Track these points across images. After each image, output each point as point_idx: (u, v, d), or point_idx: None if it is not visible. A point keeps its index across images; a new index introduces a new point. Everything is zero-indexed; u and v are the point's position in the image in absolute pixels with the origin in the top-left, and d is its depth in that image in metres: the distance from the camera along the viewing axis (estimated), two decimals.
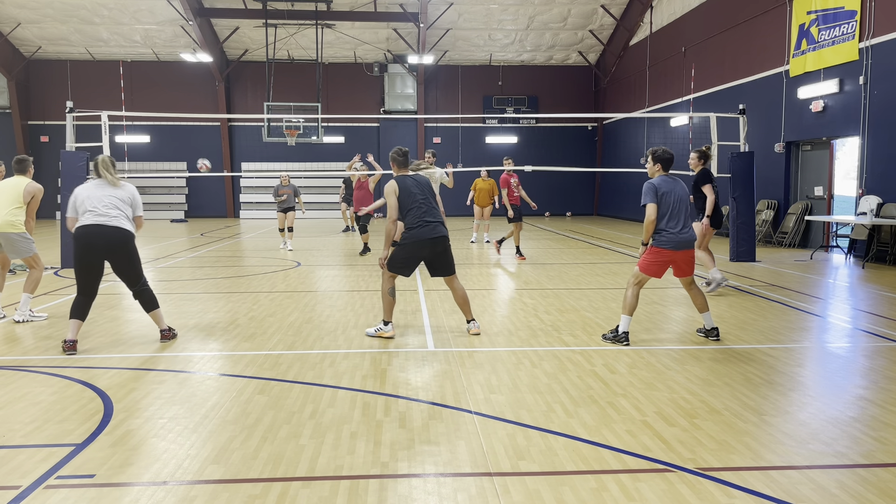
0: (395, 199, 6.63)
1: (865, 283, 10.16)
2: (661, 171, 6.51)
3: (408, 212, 6.67)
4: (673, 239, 6.27)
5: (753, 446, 3.93)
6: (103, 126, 12.12)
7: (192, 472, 3.60)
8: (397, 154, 6.94)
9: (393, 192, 6.64)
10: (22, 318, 7.56)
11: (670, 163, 6.52)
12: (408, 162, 6.96)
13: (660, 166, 6.50)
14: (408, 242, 6.65)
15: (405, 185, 6.70)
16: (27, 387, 5.07)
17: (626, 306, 6.39)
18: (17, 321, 7.53)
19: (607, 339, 6.49)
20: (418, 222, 6.61)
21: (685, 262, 6.41)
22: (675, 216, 6.31)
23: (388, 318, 6.71)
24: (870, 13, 12.86)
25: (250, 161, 27.99)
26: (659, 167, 6.50)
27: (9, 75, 26.22)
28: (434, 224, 6.71)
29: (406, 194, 6.67)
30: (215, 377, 5.37)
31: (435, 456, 3.82)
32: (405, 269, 6.69)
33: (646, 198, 6.33)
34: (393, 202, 6.63)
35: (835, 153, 14.83)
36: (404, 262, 6.68)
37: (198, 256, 14.11)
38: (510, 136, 28.58)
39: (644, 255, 6.44)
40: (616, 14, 24.83)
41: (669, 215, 6.32)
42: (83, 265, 6.20)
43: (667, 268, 6.43)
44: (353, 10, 24.69)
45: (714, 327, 6.56)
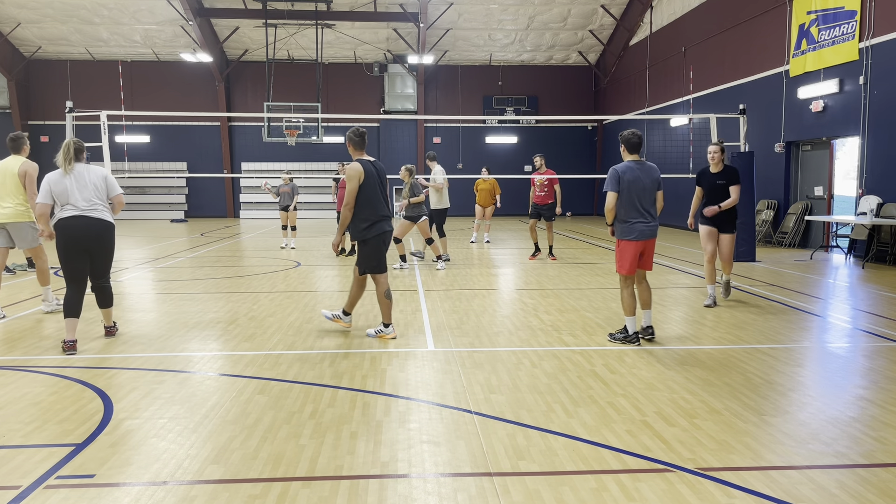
0: (358, 184, 6.30)
1: (865, 283, 10.16)
2: (629, 154, 6.42)
3: (366, 201, 6.37)
4: (637, 229, 6.24)
5: (753, 446, 3.93)
6: (103, 126, 12.12)
7: (192, 472, 3.60)
8: (354, 135, 6.53)
9: (357, 177, 6.30)
10: (49, 309, 7.95)
11: (637, 147, 6.39)
12: (365, 143, 6.61)
13: (624, 148, 6.44)
14: (372, 238, 6.43)
15: (369, 171, 6.39)
16: (27, 387, 5.07)
17: (626, 308, 6.39)
18: (45, 312, 7.93)
19: (616, 340, 6.44)
20: (379, 216, 6.42)
21: (649, 253, 6.39)
22: (639, 206, 6.24)
23: (388, 320, 6.67)
24: (870, 13, 12.86)
25: (250, 161, 27.98)
26: (624, 149, 6.44)
27: (9, 75, 26.22)
28: (389, 218, 6.59)
29: (369, 182, 6.38)
30: (215, 377, 5.37)
31: (435, 456, 3.82)
32: (382, 265, 6.56)
33: (608, 185, 6.26)
34: (354, 187, 6.29)
35: (835, 153, 14.83)
36: (378, 258, 6.51)
37: (198, 256, 14.11)
38: (510, 136, 28.58)
39: (616, 255, 6.40)
40: (616, 14, 24.83)
41: (632, 205, 6.23)
42: (69, 256, 6.22)
43: (637, 259, 6.32)
44: (353, 10, 24.69)
45: (649, 326, 6.50)
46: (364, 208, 6.37)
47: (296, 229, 15.54)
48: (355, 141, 6.53)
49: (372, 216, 6.38)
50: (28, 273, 11.23)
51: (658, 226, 6.39)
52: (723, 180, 8.15)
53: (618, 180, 6.22)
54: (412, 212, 11.63)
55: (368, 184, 6.35)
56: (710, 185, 8.23)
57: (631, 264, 6.28)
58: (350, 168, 6.32)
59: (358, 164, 6.35)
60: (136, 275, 11.27)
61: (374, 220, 6.40)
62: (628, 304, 6.35)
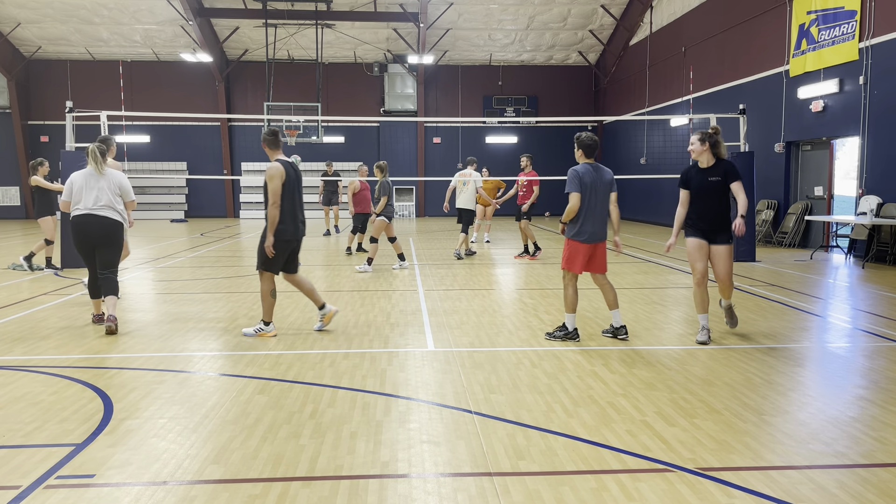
0: (280, 183, 6.37)
1: (865, 283, 10.16)
2: (584, 157, 6.46)
3: (283, 202, 6.43)
4: (588, 232, 6.34)
5: (753, 446, 3.93)
6: (103, 126, 12.12)
7: (192, 472, 3.60)
8: (268, 134, 6.62)
9: (279, 177, 6.37)
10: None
11: (593, 150, 6.45)
12: (280, 143, 6.69)
13: (582, 152, 6.46)
14: (283, 239, 6.48)
15: (288, 172, 6.46)
16: (27, 387, 5.07)
17: (569, 305, 6.48)
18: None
19: (555, 339, 6.48)
20: (294, 219, 6.50)
21: (601, 256, 6.48)
22: (594, 209, 6.34)
23: (268, 318, 6.69)
24: (870, 13, 12.86)
25: (250, 161, 27.98)
26: (581, 153, 6.47)
27: (9, 75, 26.22)
28: (304, 221, 6.66)
29: (289, 182, 6.45)
30: (215, 377, 5.37)
31: (435, 456, 3.82)
32: (277, 266, 6.61)
33: (570, 185, 6.31)
34: (277, 186, 6.36)
35: (835, 153, 14.83)
36: (278, 258, 6.56)
37: (198, 256, 14.11)
38: (510, 136, 28.57)
39: (564, 252, 6.47)
40: (616, 14, 24.83)
41: (588, 208, 6.32)
42: (82, 250, 6.99)
43: (587, 260, 6.42)
44: (353, 10, 24.69)
45: (622, 325, 6.57)
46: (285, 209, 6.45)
47: None
48: (269, 140, 6.63)
49: (287, 217, 6.47)
50: (33, 273, 11.23)
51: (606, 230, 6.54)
52: (717, 177, 6.37)
53: (579, 181, 6.29)
54: (386, 210, 11.40)
55: (286, 185, 6.43)
56: (701, 185, 6.39)
57: (581, 264, 6.40)
58: (271, 168, 6.42)
59: (279, 164, 6.44)
60: (136, 275, 11.26)
61: (291, 221, 6.48)
62: (571, 302, 6.46)
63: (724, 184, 6.37)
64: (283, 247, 6.53)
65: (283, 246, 6.54)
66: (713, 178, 6.37)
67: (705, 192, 6.39)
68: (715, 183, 6.36)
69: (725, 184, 6.38)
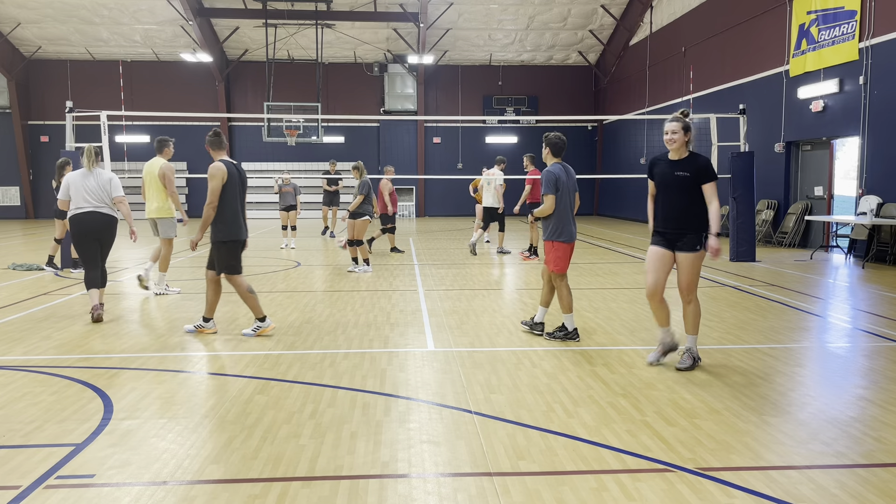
0: (221, 183, 6.39)
1: (865, 283, 10.16)
2: (553, 157, 6.54)
3: (226, 202, 6.45)
4: (570, 231, 6.45)
5: (753, 446, 3.93)
6: (103, 126, 12.11)
7: (192, 472, 3.60)
8: (211, 135, 6.67)
9: (220, 176, 6.38)
10: (159, 291, 9.21)
11: (562, 150, 6.54)
12: (224, 144, 6.72)
13: (549, 151, 6.54)
14: (230, 241, 6.51)
15: (231, 172, 6.49)
16: (27, 387, 5.07)
17: (566, 306, 6.51)
18: (156, 294, 9.15)
19: (556, 339, 6.51)
20: (237, 220, 6.53)
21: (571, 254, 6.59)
22: (570, 208, 6.47)
23: (260, 314, 6.70)
24: (870, 13, 12.86)
25: (250, 161, 27.97)
26: (549, 152, 6.54)
27: (9, 75, 26.21)
28: (245, 223, 6.68)
29: (231, 183, 6.48)
30: (215, 377, 5.37)
31: (435, 456, 3.82)
32: (238, 267, 6.64)
33: (548, 188, 6.38)
34: (217, 186, 6.37)
35: (835, 153, 14.83)
36: (236, 259, 6.60)
37: (198, 256, 14.11)
38: (510, 136, 28.57)
39: (551, 255, 6.50)
40: (616, 14, 24.83)
41: (564, 208, 6.43)
42: (82, 245, 7.46)
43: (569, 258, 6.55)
44: (353, 10, 24.69)
45: (541, 322, 6.68)
46: (224, 210, 6.45)
47: (295, 229, 15.61)
48: (212, 141, 6.68)
49: (231, 218, 6.48)
50: (42, 272, 11.23)
51: None
52: (686, 172, 5.42)
53: (556, 182, 6.37)
54: (363, 209, 11.22)
55: (230, 185, 6.45)
56: (664, 179, 5.52)
57: (568, 263, 6.53)
58: (213, 167, 6.44)
59: (221, 164, 6.46)
60: (136, 275, 11.25)
61: (232, 221, 6.49)
62: (568, 302, 6.50)
63: (694, 182, 5.39)
64: (234, 247, 6.57)
65: (234, 246, 6.57)
66: (680, 174, 5.42)
67: (669, 187, 5.48)
68: (682, 179, 5.41)
69: (695, 182, 5.39)
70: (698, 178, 5.39)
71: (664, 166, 5.57)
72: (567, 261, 6.49)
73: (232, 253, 6.55)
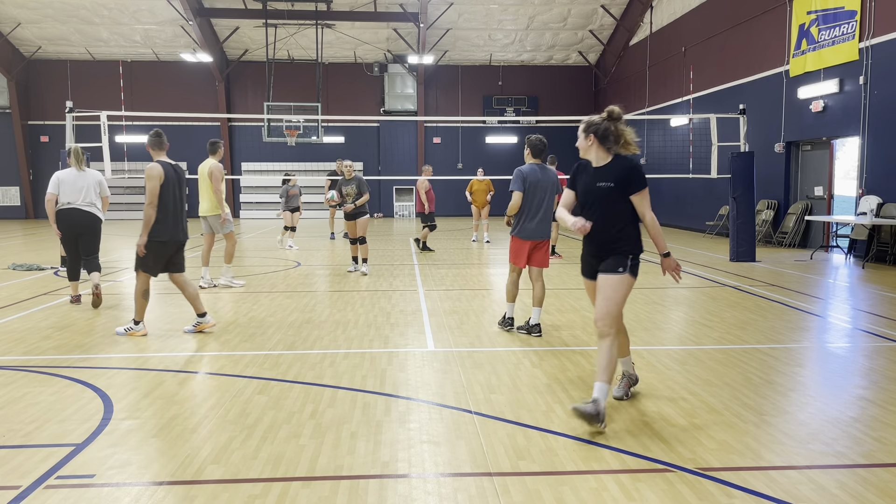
0: (158, 184, 6.46)
1: (865, 283, 10.16)
2: (532, 157, 6.76)
3: (162, 203, 6.49)
4: (529, 229, 6.68)
5: (753, 446, 3.93)
6: (102, 126, 12.12)
7: (192, 472, 3.60)
8: (152, 136, 6.72)
9: (158, 178, 6.45)
10: (226, 283, 9.87)
11: (541, 151, 6.75)
12: (164, 144, 6.76)
13: (529, 152, 6.77)
14: (157, 241, 6.53)
15: (168, 173, 6.55)
16: (27, 387, 5.07)
17: (507, 295, 6.93)
18: (202, 287, 9.72)
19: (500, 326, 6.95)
20: (174, 220, 6.57)
21: (540, 252, 6.81)
22: (536, 208, 6.67)
23: (139, 317, 6.71)
24: (870, 13, 12.86)
25: (250, 161, 27.98)
26: (529, 153, 6.78)
27: (9, 75, 26.21)
28: (185, 224, 6.72)
29: (168, 183, 6.53)
30: (215, 377, 5.37)
31: (435, 456, 3.82)
32: (155, 269, 6.66)
33: (514, 184, 6.64)
34: (154, 187, 6.44)
35: (835, 153, 14.82)
36: (154, 260, 6.61)
37: (198, 256, 14.10)
38: (510, 136, 28.57)
39: (510, 248, 6.86)
40: (616, 14, 24.83)
41: (530, 206, 6.66)
42: (68, 238, 8.22)
43: (528, 256, 6.77)
44: (353, 10, 24.69)
45: (537, 324, 6.77)
46: (158, 210, 6.51)
47: (295, 230, 15.66)
48: (152, 141, 6.75)
49: (162, 218, 6.51)
50: (31, 272, 11.23)
51: (549, 229, 6.82)
52: (607, 181, 4.39)
53: (523, 180, 6.62)
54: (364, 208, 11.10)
55: (166, 186, 6.51)
56: (585, 190, 4.53)
57: (523, 259, 6.77)
58: (149, 168, 6.51)
59: (158, 165, 6.53)
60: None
61: (163, 221, 6.52)
62: (510, 292, 6.89)
63: (620, 193, 4.36)
64: (158, 248, 6.57)
65: (159, 247, 6.57)
66: (602, 184, 4.40)
67: (590, 200, 4.47)
68: (603, 191, 4.39)
69: (621, 194, 4.36)
70: (623, 187, 4.34)
71: (587, 175, 4.55)
72: (519, 256, 6.77)
73: (156, 253, 6.58)
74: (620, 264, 4.39)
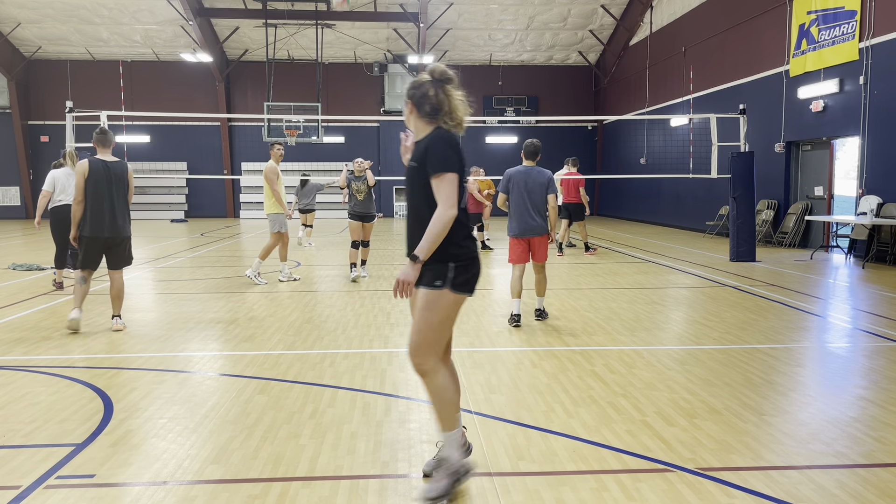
0: (82, 180, 6.61)
1: (865, 283, 10.16)
2: (525, 159, 7.20)
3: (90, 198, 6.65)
4: (520, 227, 7.08)
5: (753, 446, 3.93)
6: (103, 126, 12.11)
7: (192, 472, 3.60)
8: (99, 132, 6.85)
9: (82, 173, 6.62)
10: (285, 279, 10.33)
11: (532, 153, 7.17)
12: (108, 141, 6.88)
13: (523, 154, 7.23)
14: (84, 236, 6.71)
15: (95, 169, 6.67)
16: (27, 387, 5.07)
17: (511, 291, 7.25)
18: (281, 280, 10.27)
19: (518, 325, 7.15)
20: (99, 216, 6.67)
21: (537, 248, 7.19)
22: (524, 207, 7.03)
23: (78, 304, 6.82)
24: (870, 13, 12.86)
25: (250, 161, 27.98)
26: (522, 155, 7.23)
27: (9, 75, 26.21)
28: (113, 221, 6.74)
29: (92, 179, 6.64)
30: (215, 377, 5.37)
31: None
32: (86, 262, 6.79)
33: (500, 185, 7.22)
34: (80, 182, 6.61)
35: (835, 153, 14.82)
36: (86, 255, 6.76)
37: (198, 256, 14.11)
38: (510, 136, 28.57)
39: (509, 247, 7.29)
40: (616, 14, 24.83)
41: (516, 206, 7.07)
42: (59, 233, 9.10)
43: (525, 251, 7.18)
44: (353, 10, 24.67)
45: (541, 308, 7.41)
46: (85, 206, 6.65)
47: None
48: (95, 139, 6.90)
49: (89, 214, 6.67)
50: (30, 272, 11.23)
51: (544, 225, 7.13)
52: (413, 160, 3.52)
53: (507, 182, 7.10)
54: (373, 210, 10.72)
55: (92, 181, 6.65)
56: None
57: (517, 256, 7.18)
58: (77, 164, 6.73)
59: (84, 161, 6.70)
60: (136, 274, 11.26)
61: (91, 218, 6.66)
62: (513, 289, 7.20)
63: (423, 175, 3.41)
64: (86, 242, 6.73)
65: (87, 241, 6.73)
66: (411, 163, 3.54)
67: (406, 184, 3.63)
68: (408, 171, 3.57)
69: (425, 176, 3.40)
70: (424, 169, 3.38)
71: None
72: (514, 253, 7.19)
73: (85, 247, 6.74)
74: (438, 276, 3.34)
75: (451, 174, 3.27)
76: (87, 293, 6.98)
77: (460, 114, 3.38)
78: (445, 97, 3.36)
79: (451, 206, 3.27)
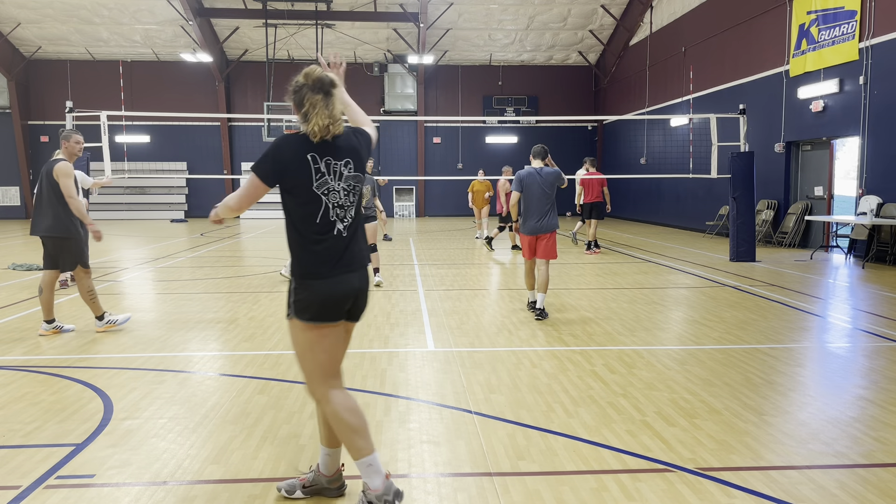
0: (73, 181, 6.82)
1: (865, 283, 10.16)
2: (533, 161, 7.59)
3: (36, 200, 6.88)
4: (530, 225, 7.48)
5: (753, 446, 3.93)
6: (103, 126, 12.11)
7: (192, 472, 3.60)
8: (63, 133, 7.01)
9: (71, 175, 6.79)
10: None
11: (539, 156, 7.62)
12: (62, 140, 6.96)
13: (531, 155, 7.65)
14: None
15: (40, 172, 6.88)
16: (27, 387, 5.07)
17: (525, 284, 7.82)
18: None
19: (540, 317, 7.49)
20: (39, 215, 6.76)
21: (543, 245, 7.50)
22: (534, 206, 7.43)
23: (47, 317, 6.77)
24: (870, 13, 12.86)
25: (250, 161, 27.90)
26: (531, 156, 7.65)
27: (9, 75, 26.20)
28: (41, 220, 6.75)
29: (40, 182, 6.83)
30: (215, 377, 5.37)
31: (435, 456, 3.82)
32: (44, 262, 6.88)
33: (513, 186, 7.59)
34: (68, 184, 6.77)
35: (835, 153, 14.82)
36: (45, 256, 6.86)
37: (198, 256, 14.11)
38: (510, 136, 28.56)
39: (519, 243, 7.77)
40: (616, 14, 24.82)
41: (528, 205, 7.49)
42: None
43: (534, 248, 7.56)
44: (353, 10, 24.68)
45: (542, 308, 7.49)
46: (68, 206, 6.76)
47: None
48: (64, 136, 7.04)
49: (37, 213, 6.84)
50: (29, 273, 11.24)
51: (552, 224, 7.47)
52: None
53: (520, 182, 7.47)
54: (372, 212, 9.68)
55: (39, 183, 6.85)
56: None
57: (528, 252, 7.62)
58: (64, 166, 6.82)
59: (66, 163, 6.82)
60: (136, 275, 11.26)
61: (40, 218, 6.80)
62: (526, 281, 7.83)
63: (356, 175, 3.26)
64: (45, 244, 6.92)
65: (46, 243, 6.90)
66: None
67: None
68: None
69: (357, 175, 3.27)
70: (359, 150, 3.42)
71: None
72: (527, 249, 7.61)
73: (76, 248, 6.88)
74: (287, 303, 3.10)
75: (253, 176, 3.07)
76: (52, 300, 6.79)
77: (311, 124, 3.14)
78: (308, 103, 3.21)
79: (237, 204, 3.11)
